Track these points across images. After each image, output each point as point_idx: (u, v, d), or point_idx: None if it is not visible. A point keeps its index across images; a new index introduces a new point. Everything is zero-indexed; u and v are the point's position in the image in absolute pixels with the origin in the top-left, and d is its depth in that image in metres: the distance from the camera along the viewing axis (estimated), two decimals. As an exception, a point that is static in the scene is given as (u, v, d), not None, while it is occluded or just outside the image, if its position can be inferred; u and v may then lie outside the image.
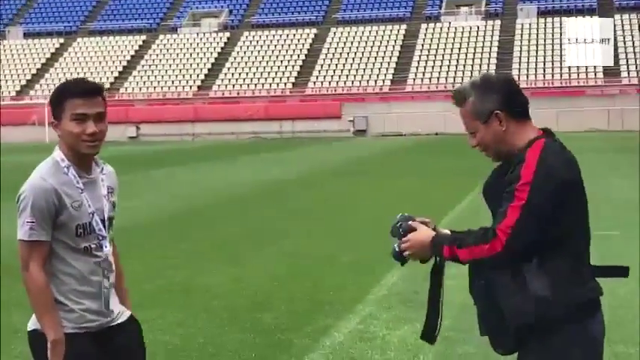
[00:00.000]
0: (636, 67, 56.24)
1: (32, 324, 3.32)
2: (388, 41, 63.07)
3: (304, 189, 19.08)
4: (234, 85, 61.69)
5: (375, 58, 61.28)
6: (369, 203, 15.73)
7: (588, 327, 3.00)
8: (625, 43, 58.16)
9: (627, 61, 56.79)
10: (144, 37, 68.19)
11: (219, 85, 62.04)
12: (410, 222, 3.20)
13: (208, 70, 63.83)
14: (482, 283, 3.05)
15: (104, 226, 3.33)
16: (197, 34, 67.73)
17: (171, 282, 8.84)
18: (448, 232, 3.19)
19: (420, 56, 60.85)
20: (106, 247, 3.33)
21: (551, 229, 2.93)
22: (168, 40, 67.58)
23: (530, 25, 61.71)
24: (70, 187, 3.25)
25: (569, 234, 2.98)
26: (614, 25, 59.64)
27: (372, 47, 62.60)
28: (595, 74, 55.96)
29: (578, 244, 3.03)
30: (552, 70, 56.87)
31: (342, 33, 64.95)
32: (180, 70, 63.79)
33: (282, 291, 8.32)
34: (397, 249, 3.20)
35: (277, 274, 9.22)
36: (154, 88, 62.79)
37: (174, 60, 65.05)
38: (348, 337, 6.54)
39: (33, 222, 3.18)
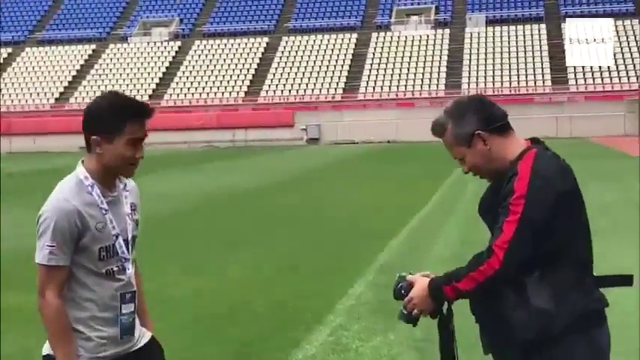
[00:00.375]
0: (584, 75, 57.22)
1: (47, 349, 3.17)
2: (340, 50, 63.34)
3: (263, 198, 19.02)
4: (185, 94, 61.37)
5: (327, 66, 61.50)
6: (330, 212, 15.73)
7: (594, 337, 2.94)
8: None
9: (575, 69, 57.76)
10: (93, 47, 67.50)
11: (170, 94, 61.65)
12: (408, 278, 3.10)
13: (159, 79, 63.43)
14: (484, 299, 2.97)
15: (127, 248, 3.20)
16: (148, 43, 67.24)
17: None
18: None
19: (371, 65, 61.21)
20: (128, 269, 3.20)
21: (550, 241, 2.87)
22: (118, 49, 66.98)
23: (479, 33, 62.47)
24: (94, 208, 3.09)
25: (569, 244, 2.92)
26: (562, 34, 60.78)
27: (323, 56, 62.81)
28: (543, 82, 56.85)
29: (580, 254, 2.97)
30: (501, 78, 57.61)
31: (293, 42, 65.05)
32: (131, 80, 63.26)
33: (249, 302, 8.25)
34: (404, 311, 3.07)
35: (243, 284, 9.15)
36: (105, 97, 62.12)
37: (124, 69, 64.49)
38: (320, 350, 6.46)
39: (53, 246, 3.01)
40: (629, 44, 58.96)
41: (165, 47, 66.86)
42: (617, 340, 3.07)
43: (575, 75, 57.24)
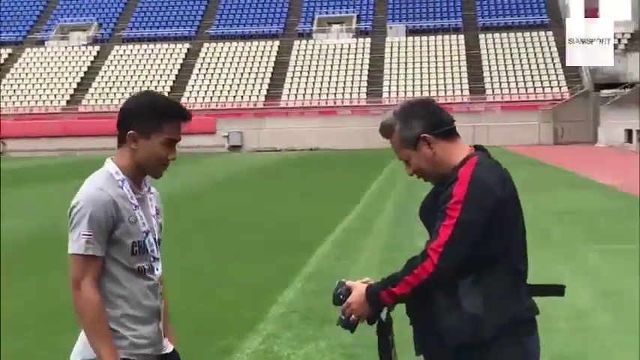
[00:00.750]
0: (500, 85, 58.52)
1: (81, 354, 3.02)
2: (262, 57, 63.37)
3: (185, 207, 18.87)
4: (104, 100, 60.48)
5: (249, 73, 61.45)
6: (255, 220, 15.72)
7: (525, 344, 2.99)
8: (489, 62, 60.47)
9: (491, 79, 59.04)
10: (9, 51, 65.95)
11: (88, 100, 60.70)
12: (347, 283, 3.10)
13: (77, 84, 62.39)
14: (418, 301, 2.99)
15: (156, 247, 3.11)
16: (65, 47, 66.08)
17: (64, 303, 8.61)
18: None
19: (293, 72, 61.44)
20: (157, 269, 3.12)
21: (485, 247, 2.90)
22: (35, 53, 65.63)
23: (399, 43, 63.32)
24: (126, 201, 3.02)
25: (505, 251, 2.96)
26: (479, 44, 62.09)
27: (245, 63, 62.74)
28: (461, 91, 57.92)
29: (515, 261, 3.01)
30: (421, 87, 58.51)
31: (215, 48, 64.81)
32: (49, 84, 62.08)
33: (177, 311, 8.17)
34: (343, 317, 3.07)
35: (171, 293, 9.06)
36: (21, 102, 60.82)
37: (41, 74, 63.24)
38: (252, 358, 6.44)
39: (90, 235, 2.91)
40: (543, 55, 60.54)
41: (83, 52, 65.80)
42: (543, 345, 3.16)
43: (492, 85, 58.54)
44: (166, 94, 56.29)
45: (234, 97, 59.57)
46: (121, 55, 64.90)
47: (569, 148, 46.83)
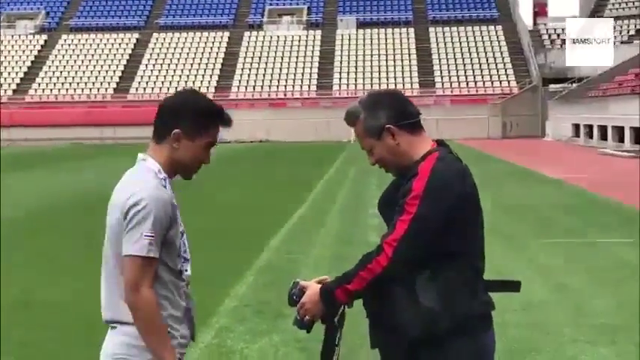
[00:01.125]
0: (450, 79, 58.97)
1: (131, 356, 2.91)
2: (212, 48, 63.02)
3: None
4: (51, 90, 59.62)
5: (199, 64, 61.08)
6: (207, 213, 15.60)
7: (481, 340, 2.99)
8: (439, 55, 60.90)
9: (441, 73, 59.47)
10: (-47, 38, 64.73)
11: (35, 90, 59.77)
12: (301, 283, 3.06)
13: (24, 73, 61.44)
14: (374, 295, 2.97)
15: (188, 248, 3.07)
16: (12, 36, 64.99)
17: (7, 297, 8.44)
18: None
19: (243, 64, 61.20)
20: (187, 270, 3.05)
21: (442, 242, 2.89)
22: (-21, 41, 64.46)
23: (349, 35, 63.45)
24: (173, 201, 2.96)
25: (463, 247, 2.96)
26: (429, 38, 62.49)
27: (195, 54, 62.32)
28: (411, 84, 58.26)
29: (472, 257, 3.01)
30: (371, 80, 58.69)
31: (164, 38, 64.26)
32: (-6, 73, 61.01)
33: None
34: (298, 317, 3.03)
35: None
36: (-35, 91, 59.69)
37: (-14, 63, 62.14)
38: (205, 352, 6.40)
39: (152, 236, 2.82)
40: (492, 49, 61.15)
41: (30, 41, 64.78)
42: (496, 339, 3.14)
43: (441, 79, 58.97)
44: (115, 85, 55.63)
45: (184, 87, 59.11)
46: (69, 45, 64.01)
47: (517, 142, 47.40)
